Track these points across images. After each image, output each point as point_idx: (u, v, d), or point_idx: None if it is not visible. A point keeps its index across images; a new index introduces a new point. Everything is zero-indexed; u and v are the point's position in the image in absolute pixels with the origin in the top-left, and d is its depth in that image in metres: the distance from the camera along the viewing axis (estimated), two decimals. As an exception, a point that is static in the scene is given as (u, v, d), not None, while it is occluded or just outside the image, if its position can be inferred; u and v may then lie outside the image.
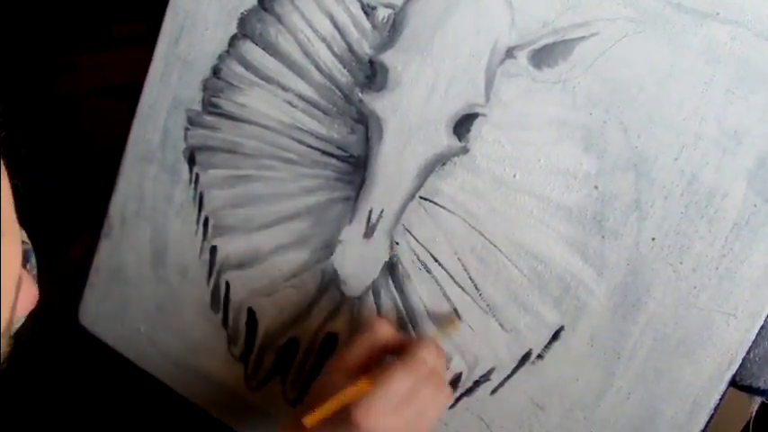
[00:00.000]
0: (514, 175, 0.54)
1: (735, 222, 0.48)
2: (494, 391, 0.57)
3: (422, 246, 0.57)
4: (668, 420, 0.52)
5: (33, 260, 0.37)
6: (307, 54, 0.60)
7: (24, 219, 0.35)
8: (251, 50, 0.62)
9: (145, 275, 0.69)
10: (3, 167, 0.32)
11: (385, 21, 0.56)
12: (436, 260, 0.57)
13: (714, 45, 0.48)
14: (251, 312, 0.65)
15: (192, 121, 0.65)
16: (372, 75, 0.57)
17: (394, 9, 0.56)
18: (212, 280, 0.66)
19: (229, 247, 0.65)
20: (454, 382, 0.58)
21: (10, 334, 0.37)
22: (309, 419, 0.49)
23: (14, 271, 0.34)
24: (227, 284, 0.65)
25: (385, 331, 0.54)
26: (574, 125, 0.52)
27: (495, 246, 0.55)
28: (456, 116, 0.55)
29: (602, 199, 0.52)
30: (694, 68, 0.48)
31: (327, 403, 0.49)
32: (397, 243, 0.58)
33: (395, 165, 0.57)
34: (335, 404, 0.49)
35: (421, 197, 0.57)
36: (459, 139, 0.55)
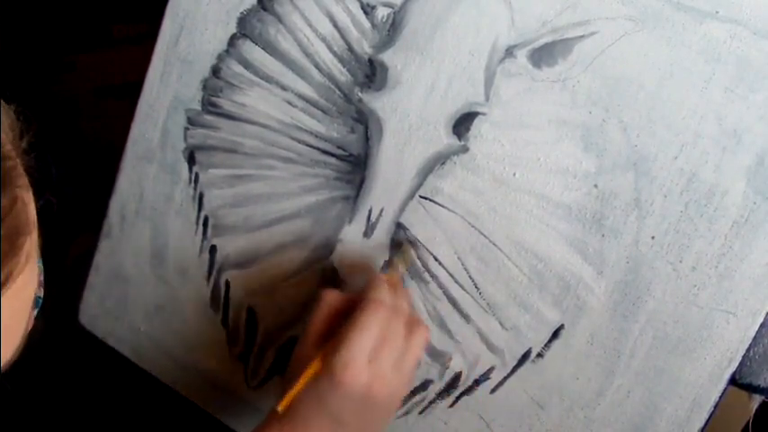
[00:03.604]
0: (514, 174, 0.54)
1: (734, 220, 0.49)
2: (494, 390, 0.57)
3: (422, 245, 0.57)
4: (668, 418, 0.52)
5: (40, 263, 0.37)
6: (306, 53, 0.60)
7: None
8: (250, 50, 0.62)
9: (145, 275, 0.69)
10: (32, 199, 0.32)
11: (384, 20, 0.56)
12: (436, 259, 0.57)
13: (713, 43, 0.48)
14: (251, 311, 0.65)
15: (192, 121, 0.65)
16: (372, 74, 0.57)
17: (393, 8, 0.56)
18: (212, 279, 0.66)
19: (229, 246, 0.65)
20: (454, 382, 0.58)
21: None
22: (281, 407, 0.50)
23: (31, 295, 0.34)
24: (227, 284, 0.65)
25: (334, 297, 0.54)
26: (573, 124, 0.52)
27: (494, 245, 0.55)
28: (456, 115, 0.55)
29: (601, 198, 0.52)
30: (694, 67, 0.48)
31: (293, 388, 0.50)
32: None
33: (395, 164, 0.57)
34: (301, 384, 0.50)
35: (421, 196, 0.57)
36: (459, 138, 0.55)
